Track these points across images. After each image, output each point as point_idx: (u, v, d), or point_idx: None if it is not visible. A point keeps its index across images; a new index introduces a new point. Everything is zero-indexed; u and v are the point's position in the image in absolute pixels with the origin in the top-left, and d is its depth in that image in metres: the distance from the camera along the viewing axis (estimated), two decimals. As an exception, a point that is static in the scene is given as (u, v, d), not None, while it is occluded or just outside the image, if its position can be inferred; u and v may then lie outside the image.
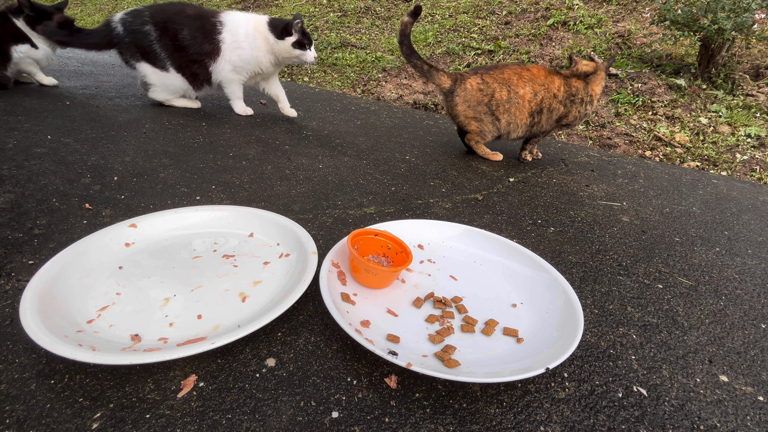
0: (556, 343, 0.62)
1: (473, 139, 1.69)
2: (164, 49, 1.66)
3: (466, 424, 0.52)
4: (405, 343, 0.62)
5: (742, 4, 2.33)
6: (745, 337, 0.76)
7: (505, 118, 1.60)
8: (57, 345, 0.50)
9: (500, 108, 1.59)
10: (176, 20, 1.64)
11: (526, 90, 1.57)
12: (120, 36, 1.64)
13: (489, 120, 1.61)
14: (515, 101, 1.58)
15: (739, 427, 0.57)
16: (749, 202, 1.60)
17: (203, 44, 1.66)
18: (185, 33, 1.64)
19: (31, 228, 0.82)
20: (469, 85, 1.59)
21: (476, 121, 1.62)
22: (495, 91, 1.57)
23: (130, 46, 1.65)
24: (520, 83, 1.58)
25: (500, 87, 1.57)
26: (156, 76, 1.72)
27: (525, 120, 1.62)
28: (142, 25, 1.63)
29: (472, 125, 1.64)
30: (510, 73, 1.59)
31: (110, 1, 6.13)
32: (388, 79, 3.31)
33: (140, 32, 1.63)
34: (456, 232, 0.93)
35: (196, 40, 1.65)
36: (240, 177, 1.20)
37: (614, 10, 3.48)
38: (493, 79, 1.59)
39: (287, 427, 0.49)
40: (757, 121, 2.36)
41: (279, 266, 0.76)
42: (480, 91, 1.58)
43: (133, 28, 1.63)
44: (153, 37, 1.64)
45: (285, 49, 1.68)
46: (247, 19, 1.70)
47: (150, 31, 1.63)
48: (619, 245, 1.07)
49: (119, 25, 1.64)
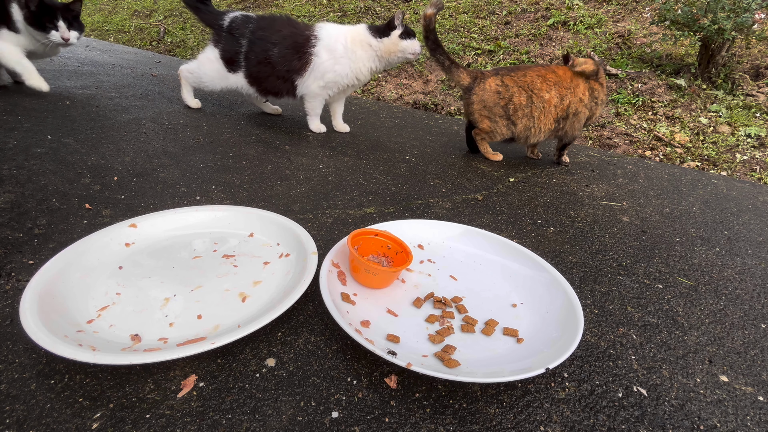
0: (556, 343, 0.62)
1: (480, 135, 1.67)
2: (246, 60, 1.66)
3: (466, 424, 0.52)
4: (405, 343, 0.62)
5: (742, 4, 2.33)
6: (745, 337, 0.76)
7: (523, 123, 1.57)
8: (57, 345, 0.50)
9: (518, 113, 1.55)
10: (270, 39, 1.64)
11: (552, 94, 1.53)
12: (223, 27, 1.68)
13: (503, 123, 1.59)
14: (539, 106, 1.54)
15: (739, 427, 0.57)
16: (749, 202, 1.60)
17: (292, 61, 1.63)
18: (275, 51, 1.63)
19: (31, 228, 0.82)
20: (487, 86, 1.56)
21: (489, 120, 1.61)
22: (513, 96, 1.54)
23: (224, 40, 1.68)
24: (545, 87, 1.53)
25: (520, 91, 1.54)
26: (212, 66, 1.71)
27: (550, 126, 1.58)
28: (241, 36, 1.65)
29: (484, 123, 1.62)
30: (533, 76, 1.55)
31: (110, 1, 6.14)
32: (388, 79, 3.32)
33: (235, 40, 1.66)
34: (456, 232, 0.93)
35: (285, 57, 1.63)
36: (240, 177, 1.20)
37: (614, 10, 3.48)
38: (514, 82, 1.55)
39: (287, 427, 0.49)
40: (757, 121, 2.36)
41: (279, 266, 0.76)
42: (497, 94, 1.56)
43: (232, 31, 1.66)
44: (243, 48, 1.65)
45: (392, 44, 1.60)
46: (344, 32, 1.65)
47: (243, 43, 1.65)
48: (619, 245, 1.07)
49: (228, 20, 1.68)
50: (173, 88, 2.26)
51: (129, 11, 5.54)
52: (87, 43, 3.77)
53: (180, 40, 4.32)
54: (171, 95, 2.10)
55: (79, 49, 3.26)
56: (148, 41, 4.54)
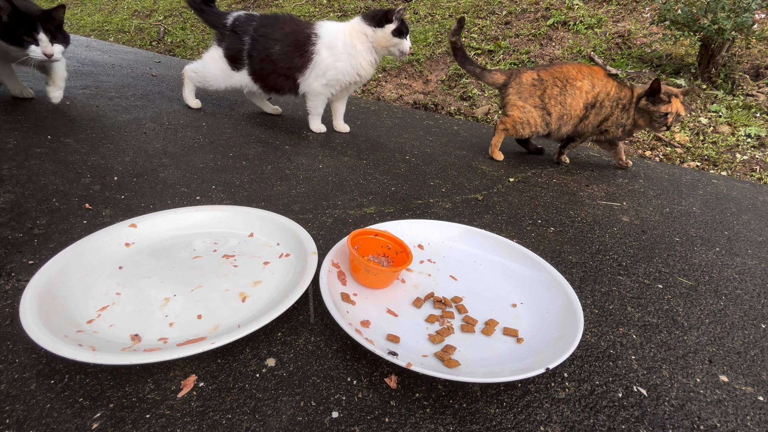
0: (556, 343, 0.62)
1: (504, 125, 1.70)
2: (249, 58, 1.67)
3: (466, 424, 0.52)
4: (405, 343, 0.62)
5: (742, 4, 2.33)
6: (745, 337, 0.76)
7: (557, 110, 1.63)
8: (57, 345, 0.50)
9: (552, 101, 1.63)
10: (272, 36, 1.65)
11: (584, 82, 1.62)
12: (226, 26, 1.69)
13: (538, 114, 1.65)
14: (571, 92, 1.62)
15: (739, 427, 0.57)
16: (749, 202, 1.60)
17: (294, 58, 1.64)
18: (276, 48, 1.64)
19: (31, 228, 0.82)
20: (524, 79, 1.65)
21: (521, 111, 1.66)
22: (548, 87, 1.63)
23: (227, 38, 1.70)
24: (579, 76, 1.62)
25: (554, 81, 1.63)
26: (217, 65, 1.72)
27: (579, 111, 1.64)
28: (244, 34, 1.66)
29: (515, 111, 1.66)
30: (569, 68, 1.64)
31: (110, 1, 6.14)
32: (388, 79, 3.32)
33: (238, 38, 1.67)
34: (456, 232, 0.93)
35: (287, 54, 1.64)
36: (240, 177, 1.20)
37: (614, 10, 3.48)
38: (549, 74, 1.64)
39: (287, 427, 0.49)
40: (757, 121, 2.36)
41: (279, 266, 0.76)
42: (533, 86, 1.64)
43: (235, 30, 1.68)
44: (246, 46, 1.66)
45: (384, 38, 1.60)
46: (342, 28, 1.65)
47: (246, 41, 1.66)
48: (619, 245, 1.07)
49: (231, 19, 1.70)
50: (173, 88, 2.26)
51: (129, 11, 5.54)
52: (87, 43, 3.77)
53: (180, 40, 4.32)
54: (171, 95, 2.10)
55: (79, 49, 3.26)
56: (148, 41, 4.54)
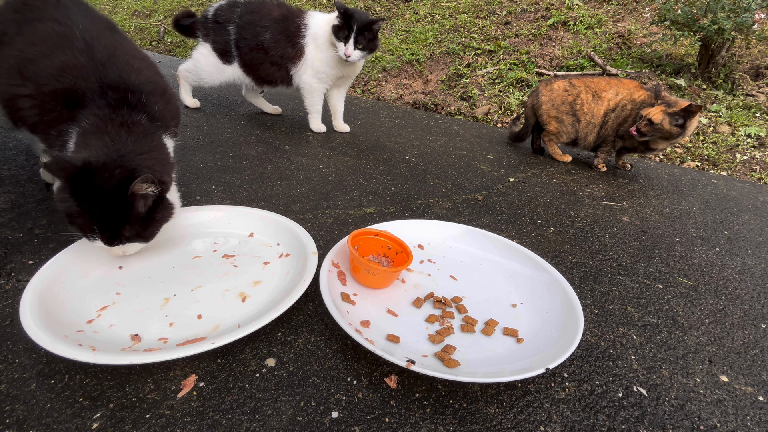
0: (556, 343, 0.62)
1: (548, 137, 1.83)
2: (238, 48, 1.62)
3: (466, 424, 0.52)
4: (405, 343, 0.62)
5: (742, 4, 2.33)
6: (745, 337, 0.76)
7: (586, 119, 1.70)
8: (57, 345, 0.50)
9: (584, 108, 1.70)
10: (260, 23, 1.60)
11: (609, 92, 1.69)
12: (208, 19, 1.65)
13: (569, 121, 1.74)
14: (597, 101, 1.69)
15: (739, 427, 0.57)
16: (749, 202, 1.60)
17: (286, 48, 1.60)
18: (267, 36, 1.59)
19: (31, 228, 0.82)
20: (556, 86, 1.76)
21: (557, 121, 1.76)
22: (581, 93, 1.70)
23: (211, 30, 1.64)
24: (607, 87, 1.69)
25: (586, 89, 1.71)
26: (207, 61, 1.67)
27: (599, 119, 1.69)
28: (228, 22, 1.61)
29: (552, 125, 1.78)
30: (599, 80, 1.73)
31: (110, 1, 6.14)
32: (388, 79, 3.32)
33: (222, 28, 1.62)
34: (456, 232, 0.93)
35: (278, 42, 1.59)
36: (240, 177, 1.20)
37: (614, 10, 3.48)
38: (582, 82, 1.73)
39: (287, 427, 0.49)
40: (757, 121, 2.36)
41: (279, 266, 0.76)
42: (566, 92, 1.74)
43: (218, 20, 1.63)
44: (232, 36, 1.62)
45: (329, 33, 1.54)
46: (325, 19, 1.60)
47: (231, 30, 1.61)
48: (619, 245, 1.07)
49: (212, 11, 1.65)
50: (173, 88, 2.26)
51: (129, 11, 5.54)
52: (87, 43, 3.75)
53: (180, 40, 4.32)
54: (171, 95, 2.09)
55: (79, 49, 3.25)
56: (148, 41, 4.54)
